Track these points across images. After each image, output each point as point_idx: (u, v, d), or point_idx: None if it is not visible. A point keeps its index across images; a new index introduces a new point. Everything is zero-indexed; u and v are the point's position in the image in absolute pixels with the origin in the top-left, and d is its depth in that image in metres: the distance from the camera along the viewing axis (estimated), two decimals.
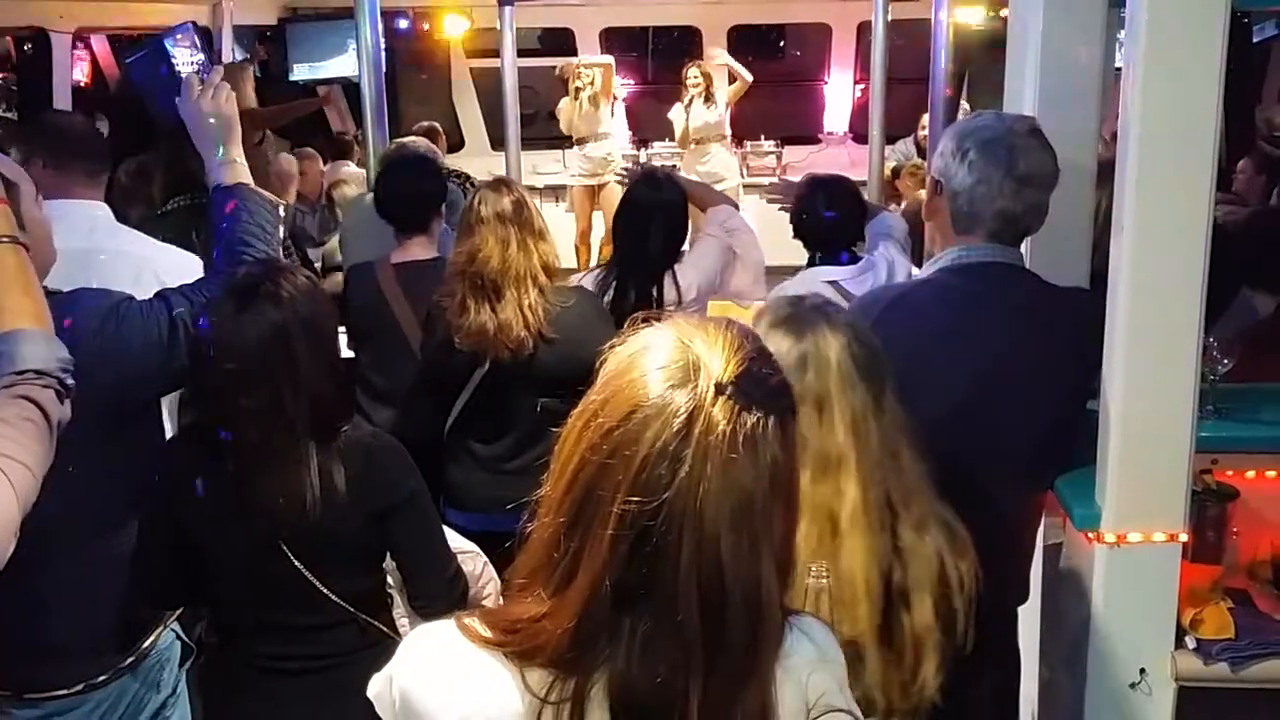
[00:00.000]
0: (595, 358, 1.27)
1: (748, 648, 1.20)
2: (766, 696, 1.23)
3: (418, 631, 1.36)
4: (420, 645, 1.33)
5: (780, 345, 1.83)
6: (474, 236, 3.44)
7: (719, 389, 1.18)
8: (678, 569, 1.16)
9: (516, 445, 3.52)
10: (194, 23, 2.79)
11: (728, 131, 10.19)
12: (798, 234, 3.98)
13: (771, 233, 4.20)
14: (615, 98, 10.40)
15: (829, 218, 3.87)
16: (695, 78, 9.91)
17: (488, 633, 1.26)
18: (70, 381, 1.93)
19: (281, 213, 2.73)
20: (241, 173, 2.68)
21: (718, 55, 9.98)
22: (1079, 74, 2.96)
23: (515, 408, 3.49)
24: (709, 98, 9.89)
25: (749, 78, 9.97)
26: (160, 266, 3.00)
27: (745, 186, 10.23)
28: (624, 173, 6.96)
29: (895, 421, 1.91)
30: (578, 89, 9.90)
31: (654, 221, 3.88)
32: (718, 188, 9.68)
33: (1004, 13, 3.92)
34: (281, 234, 2.74)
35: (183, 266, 3.03)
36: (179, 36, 2.69)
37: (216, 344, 2.29)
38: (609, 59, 10.30)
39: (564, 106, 10.07)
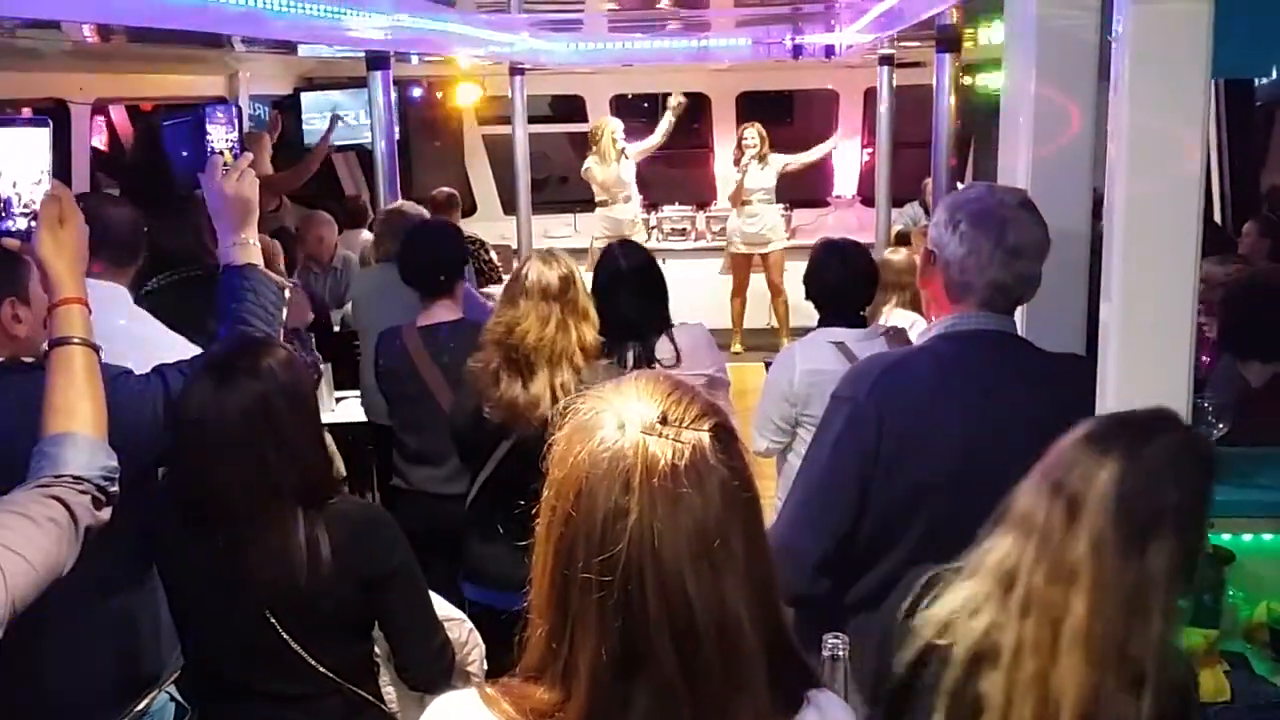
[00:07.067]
0: None
1: (726, 675, 1.21)
2: None
3: (444, 700, 1.36)
4: (449, 716, 1.33)
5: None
6: (515, 308, 3.37)
7: (648, 431, 1.22)
8: (647, 615, 1.18)
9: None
10: (236, 103, 2.87)
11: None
12: (809, 295, 4.03)
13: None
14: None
15: (838, 280, 3.93)
16: (752, 138, 9.94)
17: (515, 713, 1.26)
18: (113, 489, 1.99)
19: (287, 294, 2.79)
20: (254, 254, 2.74)
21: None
22: (1071, 142, 3.01)
23: (539, 485, 3.44)
24: (763, 159, 9.93)
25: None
26: (162, 349, 2.99)
27: (788, 249, 10.21)
28: None
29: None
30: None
31: (623, 289, 3.76)
32: (766, 250, 10.10)
33: None
34: (284, 315, 2.79)
35: (182, 352, 3.03)
36: (219, 114, 2.77)
37: (200, 419, 2.33)
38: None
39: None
